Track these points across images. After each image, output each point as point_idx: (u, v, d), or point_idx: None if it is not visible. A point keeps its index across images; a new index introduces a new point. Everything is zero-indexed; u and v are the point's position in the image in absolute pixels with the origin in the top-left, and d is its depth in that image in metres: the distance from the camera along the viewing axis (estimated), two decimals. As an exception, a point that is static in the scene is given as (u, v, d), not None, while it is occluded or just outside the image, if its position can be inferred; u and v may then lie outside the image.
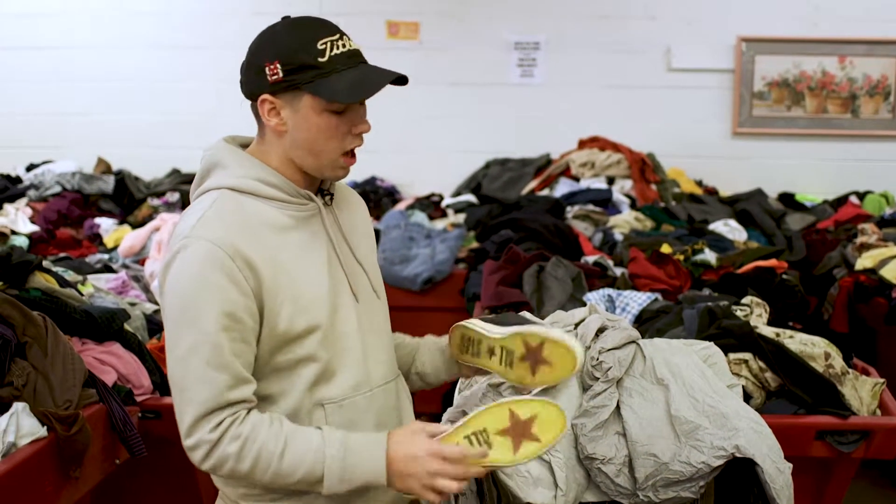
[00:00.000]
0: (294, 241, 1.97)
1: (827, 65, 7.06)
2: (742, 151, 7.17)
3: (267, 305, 1.89)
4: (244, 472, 1.86)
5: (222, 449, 1.84)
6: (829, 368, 3.13)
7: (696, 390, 2.56)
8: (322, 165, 1.98)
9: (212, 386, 1.83)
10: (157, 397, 3.26)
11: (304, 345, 1.94)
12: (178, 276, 1.87)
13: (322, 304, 1.96)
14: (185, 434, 1.86)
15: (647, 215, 5.73)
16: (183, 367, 1.85)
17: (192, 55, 7.26)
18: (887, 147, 7.13)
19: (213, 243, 1.85)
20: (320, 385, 1.97)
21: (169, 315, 1.89)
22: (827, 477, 3.17)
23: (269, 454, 1.85)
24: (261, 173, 1.97)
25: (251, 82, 1.97)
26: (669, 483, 2.46)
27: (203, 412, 1.84)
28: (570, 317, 2.90)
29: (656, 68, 7.14)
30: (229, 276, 1.84)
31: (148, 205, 6.26)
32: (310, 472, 1.87)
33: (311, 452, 1.86)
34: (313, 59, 1.89)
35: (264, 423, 1.88)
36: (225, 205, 1.93)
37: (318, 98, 1.90)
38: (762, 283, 4.15)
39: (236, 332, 1.85)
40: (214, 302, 1.83)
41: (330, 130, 1.93)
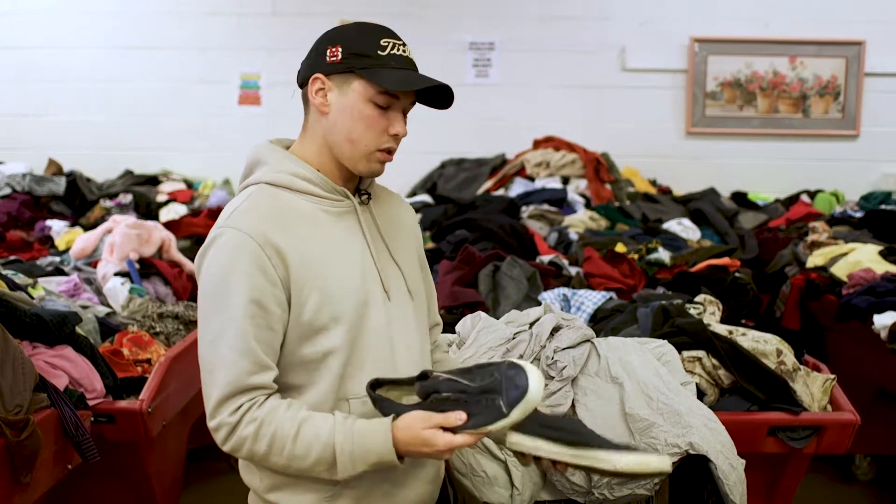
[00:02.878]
0: (327, 235, 2.01)
1: (778, 65, 7.15)
2: (695, 151, 7.23)
3: (294, 294, 1.94)
4: (261, 454, 1.92)
5: (240, 431, 1.90)
6: (781, 365, 3.16)
7: (650, 388, 2.58)
8: (356, 155, 2.02)
9: (234, 370, 1.89)
10: (109, 401, 3.22)
11: (329, 337, 1.98)
12: (211, 263, 1.93)
13: (350, 299, 2.00)
14: (210, 416, 1.93)
15: (602, 215, 5.75)
16: (211, 351, 1.92)
17: (146, 55, 7.19)
18: (837, 146, 7.22)
19: (244, 232, 1.91)
20: (346, 379, 2.01)
21: (202, 301, 1.96)
22: (779, 472, 3.20)
23: (284, 436, 1.90)
24: (296, 168, 2.03)
25: (309, 64, 2.03)
26: (624, 481, 2.47)
27: (225, 395, 1.90)
28: (525, 316, 2.91)
29: (611, 68, 7.18)
30: (258, 265, 1.90)
31: (100, 206, 6.19)
32: (322, 456, 1.91)
33: (322, 438, 1.90)
34: (373, 50, 1.98)
35: (281, 407, 1.92)
36: (260, 197, 2.00)
37: (367, 84, 1.97)
38: (715, 282, 4.19)
39: (262, 319, 1.91)
40: (242, 289, 1.89)
41: (370, 120, 1.99)
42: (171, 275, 4.43)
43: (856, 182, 7.05)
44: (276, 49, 7.11)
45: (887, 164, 7.20)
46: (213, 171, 7.08)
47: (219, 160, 7.13)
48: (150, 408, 3.20)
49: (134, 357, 3.47)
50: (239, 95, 7.22)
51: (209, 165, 7.12)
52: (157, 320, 3.91)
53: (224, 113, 7.20)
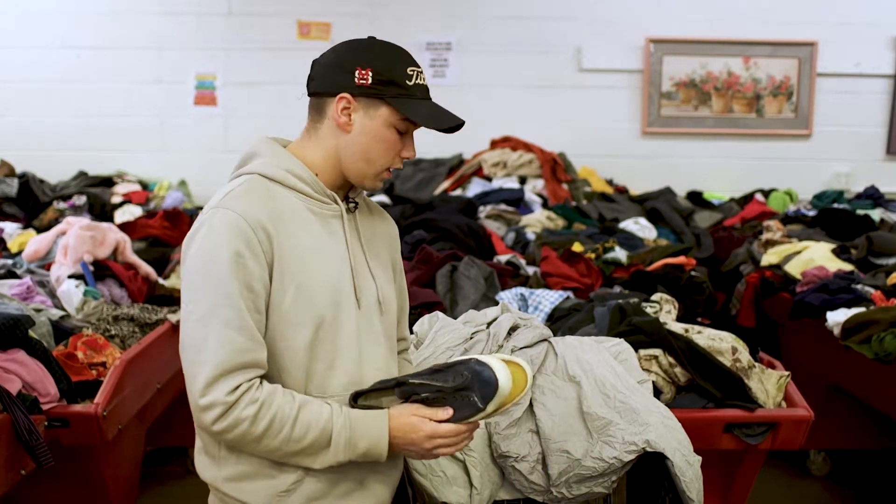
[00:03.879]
0: (311, 234, 2.05)
1: (732, 65, 7.22)
2: (651, 150, 7.29)
3: (275, 281, 1.98)
4: (255, 436, 1.93)
5: (238, 411, 1.91)
6: (737, 363, 3.18)
7: (607, 387, 2.59)
8: (369, 173, 2.09)
9: (229, 346, 1.90)
10: (63, 405, 3.18)
11: (301, 333, 2.00)
12: (203, 242, 1.95)
13: (325, 299, 2.03)
14: (200, 393, 1.91)
15: (559, 214, 5.78)
16: (201, 329, 1.92)
17: (101, 55, 7.12)
18: (791, 146, 7.31)
19: (237, 213, 1.95)
20: (314, 378, 2.04)
21: (190, 279, 1.97)
22: (735, 468, 3.24)
23: (284, 418, 1.93)
24: (290, 165, 2.08)
25: (334, 80, 2.06)
26: (582, 479, 2.48)
27: (220, 372, 1.90)
28: (482, 316, 2.92)
29: (567, 69, 7.22)
30: (249, 246, 1.93)
31: (54, 208, 6.11)
32: (318, 439, 1.96)
33: (322, 420, 1.96)
34: (402, 79, 2.04)
35: (278, 390, 1.96)
36: (253, 186, 2.04)
37: (394, 112, 2.04)
38: (671, 281, 4.22)
39: (251, 301, 1.94)
40: (235, 268, 1.92)
41: (388, 144, 2.07)
42: (126, 277, 4.38)
43: (809, 181, 7.14)
44: (232, 49, 7.07)
45: (839, 163, 7.30)
46: (168, 172, 7.02)
47: (174, 161, 7.08)
48: (105, 411, 3.17)
49: (89, 360, 3.43)
50: (194, 96, 7.16)
51: (165, 166, 7.06)
52: (112, 323, 3.87)
53: (179, 113, 7.15)
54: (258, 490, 2.03)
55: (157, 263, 4.92)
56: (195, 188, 6.96)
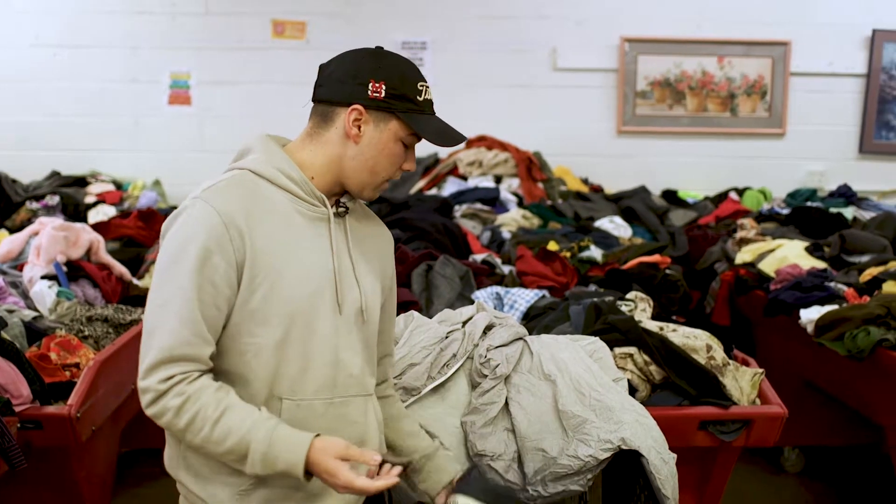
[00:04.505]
0: (295, 235, 2.05)
1: (707, 65, 7.25)
2: (626, 149, 7.31)
3: (245, 279, 1.98)
4: (179, 428, 1.93)
5: (166, 401, 1.91)
6: (711, 360, 3.20)
7: (582, 385, 2.60)
8: (371, 183, 2.12)
9: (174, 337, 1.91)
10: (37, 407, 3.16)
11: (270, 331, 2.00)
12: (177, 231, 1.97)
13: (300, 301, 2.02)
14: (141, 376, 1.93)
15: (535, 213, 5.78)
16: (157, 314, 1.94)
17: (75, 54, 7.06)
18: (765, 144, 7.35)
19: (213, 207, 1.95)
20: (283, 378, 2.03)
21: (159, 263, 1.99)
22: (710, 465, 3.25)
23: (205, 418, 1.92)
24: (282, 164, 2.08)
25: (347, 90, 2.06)
26: (558, 477, 2.49)
27: (159, 360, 1.91)
28: (458, 315, 2.92)
29: (542, 68, 7.22)
30: (218, 243, 1.94)
31: (26, 208, 6.06)
32: (236, 446, 1.93)
33: (241, 430, 1.92)
34: (413, 95, 2.08)
35: (211, 387, 1.94)
36: (240, 181, 2.05)
37: (404, 127, 2.08)
38: (646, 279, 4.23)
39: (209, 296, 1.94)
40: (198, 262, 1.92)
41: (394, 157, 2.11)
42: (99, 277, 4.36)
43: (782, 179, 7.18)
44: (206, 48, 7.04)
45: (813, 161, 7.35)
46: (142, 171, 6.97)
47: (148, 161, 7.03)
48: (78, 413, 3.15)
49: (62, 361, 3.41)
50: (169, 95, 7.12)
51: (138, 166, 7.01)
52: (85, 324, 3.84)
53: (154, 113, 7.10)
54: (219, 488, 2.03)
55: (131, 264, 4.89)
56: (169, 188, 6.92)
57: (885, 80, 7.29)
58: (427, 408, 2.63)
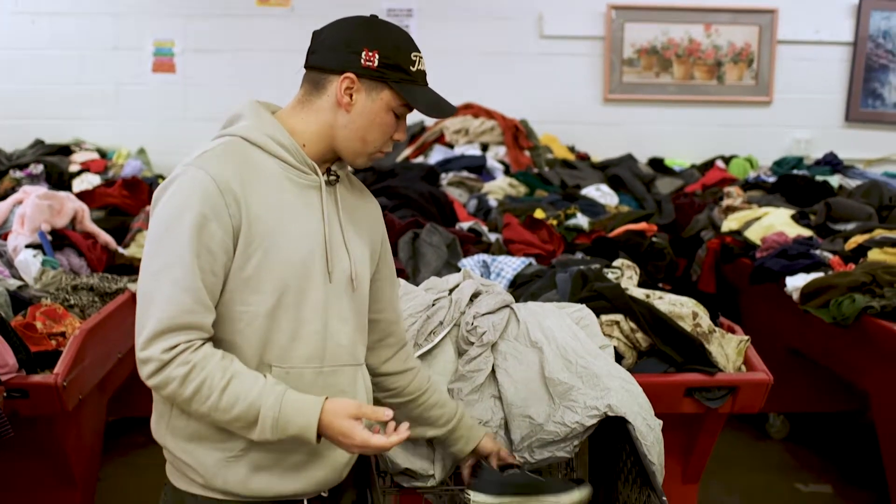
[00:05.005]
0: (286, 202, 2.03)
1: (693, 32, 7.23)
2: (613, 117, 7.29)
3: (241, 246, 1.96)
4: (184, 398, 1.91)
5: (170, 370, 1.89)
6: (697, 327, 3.21)
7: (568, 352, 2.60)
8: (363, 153, 2.10)
9: (175, 306, 1.89)
10: (23, 376, 3.14)
11: (263, 299, 1.99)
12: (171, 198, 1.94)
13: (292, 268, 2.01)
14: (141, 346, 1.91)
15: (521, 181, 5.78)
16: (153, 283, 1.92)
17: (56, 21, 6.99)
18: (751, 112, 7.35)
19: (208, 174, 1.93)
20: (272, 347, 2.02)
21: (153, 232, 1.96)
22: (696, 431, 3.26)
23: (211, 386, 1.90)
24: (273, 131, 2.06)
25: (340, 58, 2.05)
26: (545, 443, 2.50)
27: (161, 329, 1.88)
28: (444, 283, 2.91)
29: (528, 35, 7.19)
30: (214, 209, 1.91)
31: (10, 177, 6.03)
32: (245, 413, 1.92)
33: (250, 396, 1.92)
34: (406, 65, 2.06)
35: (216, 355, 1.93)
36: (232, 147, 2.03)
37: (396, 97, 2.06)
38: (633, 247, 4.24)
39: (208, 263, 1.92)
40: (195, 229, 1.90)
41: (386, 127, 2.09)
42: (84, 246, 4.34)
43: (769, 147, 7.19)
44: (191, 15, 6.98)
45: (799, 129, 7.35)
46: (127, 140, 6.92)
47: (133, 129, 6.99)
48: (65, 381, 3.14)
49: (48, 330, 3.40)
50: (153, 63, 7.07)
51: (123, 134, 6.97)
52: (71, 293, 3.83)
53: (137, 81, 7.05)
54: (206, 453, 2.02)
55: (117, 232, 4.87)
56: (154, 156, 6.88)
57: (872, 49, 7.29)
58: (414, 375, 2.62)
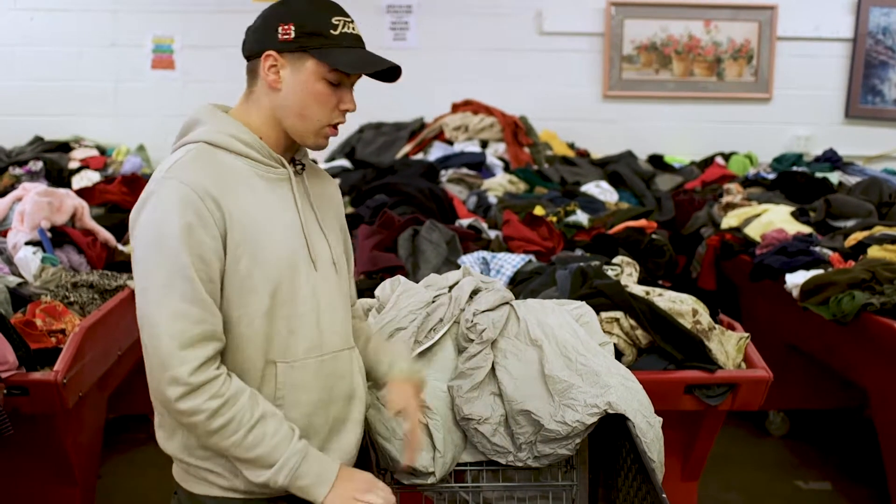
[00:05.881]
0: (261, 200, 2.03)
1: (693, 29, 7.22)
2: (612, 114, 7.29)
3: (229, 249, 1.96)
4: (208, 430, 1.91)
5: (201, 401, 1.89)
6: (697, 325, 3.21)
7: (568, 350, 2.60)
8: (307, 130, 2.06)
9: (184, 320, 1.88)
10: (23, 373, 3.14)
11: (258, 300, 1.99)
12: (152, 214, 1.92)
13: (280, 264, 2.02)
14: (161, 369, 1.89)
15: (521, 178, 5.77)
16: (157, 303, 1.89)
17: (55, 18, 6.99)
18: (751, 109, 7.34)
19: (185, 184, 1.91)
20: (273, 344, 2.02)
21: (141, 252, 1.93)
22: (696, 429, 3.27)
23: (240, 423, 1.92)
24: (235, 130, 2.04)
25: (259, 39, 2.03)
26: (546, 440, 2.50)
27: (178, 345, 1.88)
28: (444, 280, 2.91)
29: (528, 32, 7.18)
30: (200, 217, 1.90)
31: (9, 174, 6.02)
32: (266, 455, 1.94)
33: (277, 438, 1.95)
34: (325, 29, 2.00)
35: (245, 392, 1.95)
36: (199, 154, 2.00)
37: (321, 64, 2.00)
38: (632, 243, 4.23)
39: (203, 272, 1.91)
40: (184, 241, 1.89)
41: (322, 97, 2.03)
42: (84, 243, 4.33)
43: (768, 144, 7.18)
44: (190, 12, 6.98)
45: (799, 126, 7.34)
46: (126, 137, 6.92)
47: (132, 126, 6.98)
48: (65, 379, 3.14)
49: (48, 328, 3.40)
50: (152, 59, 7.06)
51: (122, 131, 6.97)
52: (71, 290, 3.83)
53: (137, 77, 7.05)
54: (217, 457, 2.02)
55: (117, 229, 4.86)
56: (154, 153, 6.87)
57: (872, 45, 7.28)
58: (414, 372, 2.62)
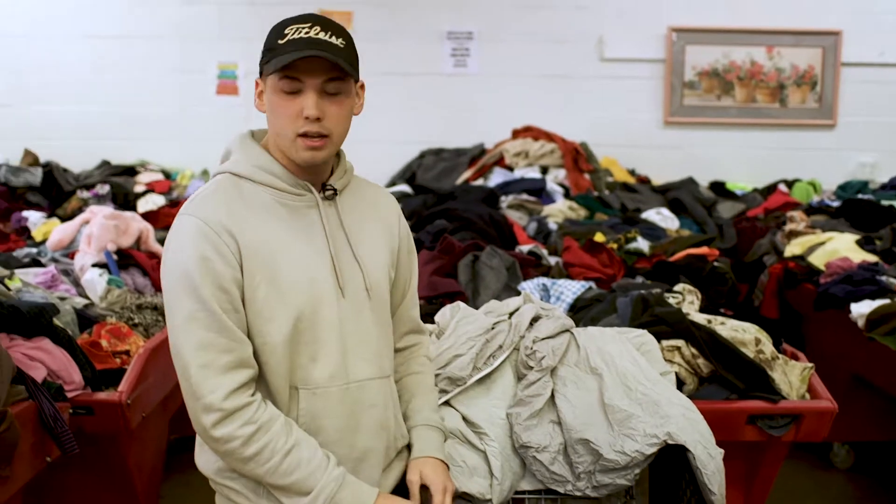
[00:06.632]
0: (284, 228, 2.04)
1: (755, 55, 7.17)
2: (674, 140, 7.25)
3: (247, 279, 1.98)
4: (243, 457, 1.94)
5: (235, 428, 1.92)
6: (760, 354, 3.17)
7: (629, 378, 2.58)
8: (285, 145, 2.05)
9: (212, 349, 1.92)
10: (88, 393, 3.20)
11: (278, 328, 2.00)
12: (172, 252, 1.98)
13: (300, 293, 2.02)
14: (194, 396, 1.93)
15: (581, 204, 5.76)
16: (184, 335, 1.93)
17: (123, 45, 7.14)
18: (815, 136, 7.26)
19: (198, 218, 1.96)
20: (295, 371, 2.03)
21: (167, 287, 1.98)
22: (758, 460, 3.22)
23: (274, 449, 1.94)
24: (260, 160, 2.08)
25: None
26: (605, 470, 2.48)
27: (209, 375, 1.91)
28: (504, 306, 2.91)
29: (589, 58, 7.19)
30: (215, 248, 1.94)
31: (77, 197, 6.15)
32: (302, 481, 1.96)
33: (313, 465, 1.97)
34: (275, 42, 2.02)
35: (279, 419, 1.98)
36: (222, 185, 2.06)
37: (272, 76, 2.01)
38: (694, 271, 4.20)
39: (226, 301, 1.94)
40: (204, 273, 1.92)
41: (280, 109, 2.01)
42: (149, 266, 4.40)
43: (833, 171, 7.09)
44: (254, 38, 7.03)
45: (864, 153, 7.24)
46: (191, 161, 7.03)
47: (197, 150, 7.09)
48: (129, 399, 3.19)
49: (112, 348, 3.45)
50: (217, 85, 7.18)
51: (187, 156, 7.08)
52: (135, 311, 3.89)
53: (201, 103, 7.17)
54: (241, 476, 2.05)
55: (180, 253, 4.92)
56: (217, 177, 6.97)
57: (939, 71, 7.17)
58: (472, 399, 2.62)
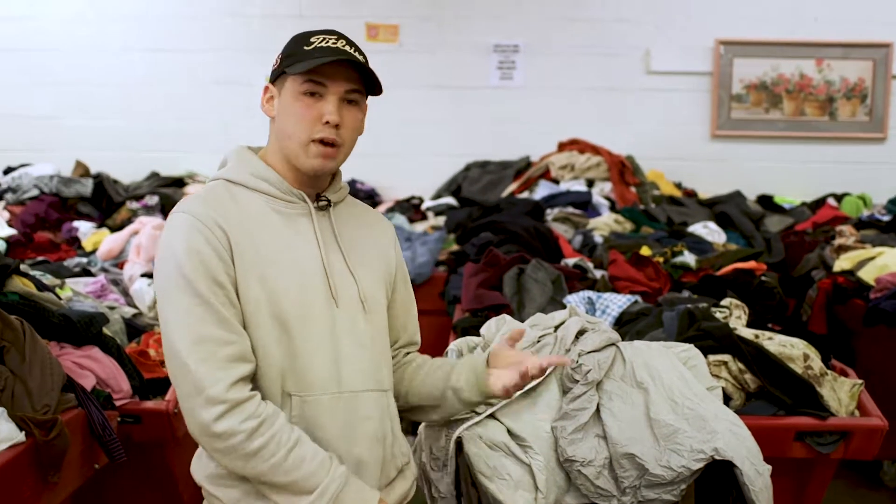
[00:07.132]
0: (276, 235, 2.05)
1: (804, 67, 7.10)
2: (721, 153, 7.20)
3: (239, 275, 1.98)
4: (247, 452, 1.91)
5: (237, 422, 1.90)
6: (808, 370, 3.14)
7: (675, 393, 2.57)
8: (295, 150, 2.06)
9: (212, 342, 1.91)
10: (136, 402, 3.24)
11: (268, 332, 2.00)
12: (164, 248, 1.98)
13: (289, 297, 2.02)
14: (196, 391, 1.90)
15: (627, 217, 5.74)
16: (180, 333, 1.92)
17: (173, 58, 7.22)
18: (864, 149, 7.17)
19: (191, 215, 1.97)
20: (287, 376, 2.02)
21: (159, 285, 1.98)
22: (806, 478, 3.19)
23: (279, 444, 1.93)
24: (255, 168, 2.10)
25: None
26: (651, 485, 2.47)
27: (209, 368, 1.90)
28: (550, 319, 2.90)
29: (635, 71, 7.16)
30: (208, 243, 1.95)
31: (127, 208, 6.22)
32: (305, 479, 1.94)
33: (316, 462, 1.96)
34: (300, 48, 2.04)
35: (281, 414, 1.97)
36: (215, 189, 2.07)
37: (293, 79, 2.03)
38: (741, 285, 4.17)
39: (222, 295, 1.94)
40: (197, 267, 1.92)
41: (300, 113, 2.04)
42: (196, 276, 4.44)
43: (883, 185, 7.00)
44: (300, 52, 7.12)
45: (915, 167, 7.15)
46: (237, 172, 7.08)
47: (244, 162, 7.14)
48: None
49: (160, 358, 3.49)
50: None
51: (234, 167, 7.13)
52: (182, 321, 3.92)
53: (249, 115, 7.20)
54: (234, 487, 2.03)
55: (227, 263, 4.96)
56: (264, 189, 7.02)
57: None
58: (517, 412, 2.62)
